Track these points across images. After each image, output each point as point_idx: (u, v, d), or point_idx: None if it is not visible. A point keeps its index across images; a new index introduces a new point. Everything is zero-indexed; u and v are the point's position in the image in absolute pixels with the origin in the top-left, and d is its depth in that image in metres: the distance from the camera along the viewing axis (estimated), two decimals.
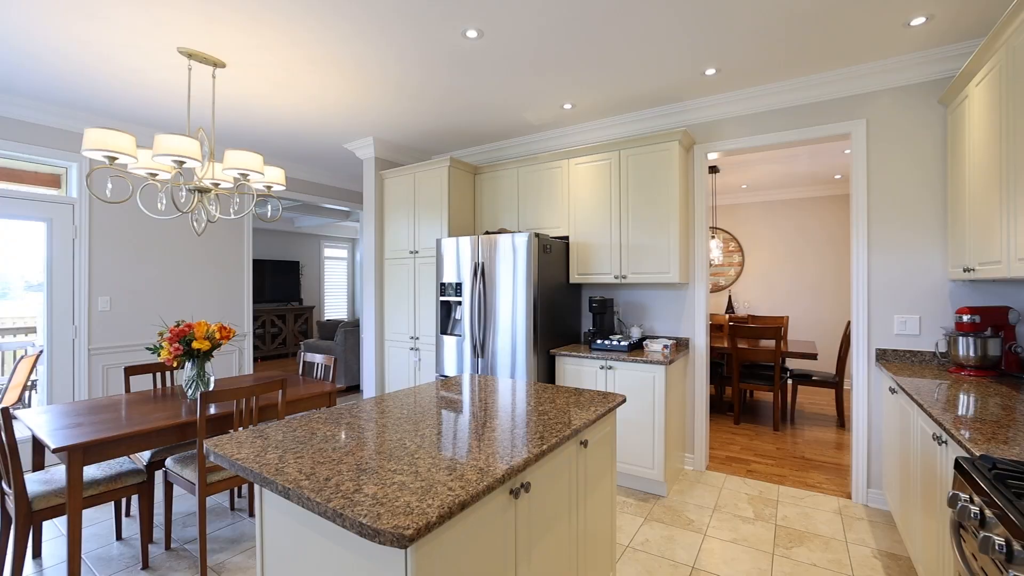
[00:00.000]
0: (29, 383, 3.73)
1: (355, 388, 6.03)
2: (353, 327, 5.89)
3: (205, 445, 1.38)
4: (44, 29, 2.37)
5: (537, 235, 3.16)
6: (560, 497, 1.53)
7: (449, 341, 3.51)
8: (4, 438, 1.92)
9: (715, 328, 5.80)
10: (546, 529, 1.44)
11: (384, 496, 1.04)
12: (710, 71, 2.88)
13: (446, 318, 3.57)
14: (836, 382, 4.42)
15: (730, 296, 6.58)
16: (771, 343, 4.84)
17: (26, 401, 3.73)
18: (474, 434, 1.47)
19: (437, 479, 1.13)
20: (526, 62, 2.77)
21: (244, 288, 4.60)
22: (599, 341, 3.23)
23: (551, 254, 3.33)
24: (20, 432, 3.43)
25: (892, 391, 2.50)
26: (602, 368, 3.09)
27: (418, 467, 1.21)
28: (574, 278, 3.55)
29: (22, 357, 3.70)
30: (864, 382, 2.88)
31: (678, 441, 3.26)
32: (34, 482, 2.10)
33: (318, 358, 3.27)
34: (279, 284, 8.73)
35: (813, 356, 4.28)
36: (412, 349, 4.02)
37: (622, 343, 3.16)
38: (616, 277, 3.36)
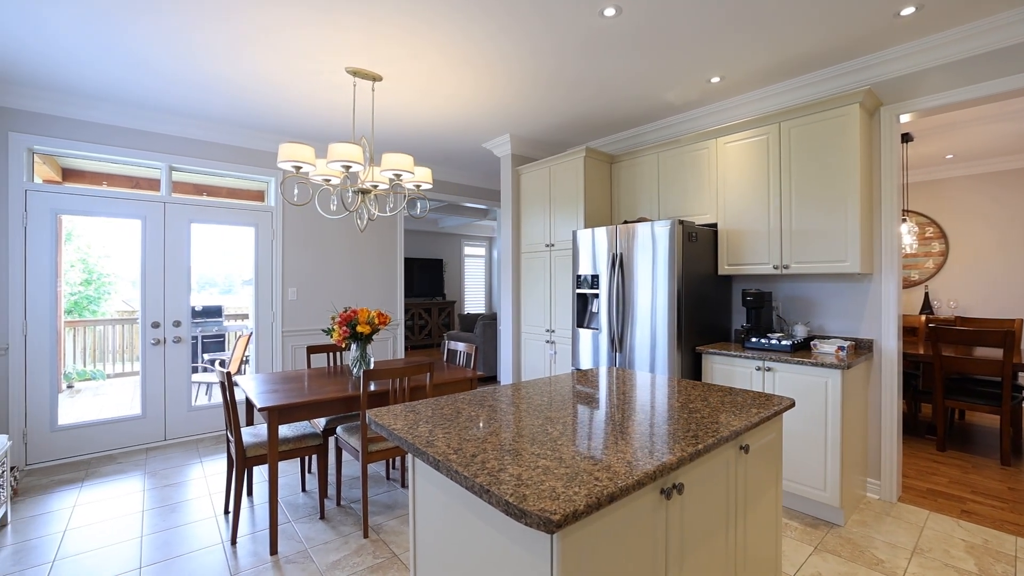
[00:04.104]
0: (244, 357, 4.67)
1: (492, 378, 6.31)
2: (491, 320, 6.17)
3: (367, 415, 1.52)
4: (241, 66, 2.90)
5: (681, 222, 2.91)
6: (716, 506, 1.35)
7: (585, 334, 3.44)
8: (228, 397, 2.39)
9: (907, 331, 4.77)
10: (701, 539, 1.29)
11: (528, 478, 1.02)
12: (907, 10, 2.34)
13: (582, 311, 3.51)
14: None
15: (927, 293, 5.35)
16: (996, 352, 3.80)
17: (242, 371, 4.67)
18: (619, 427, 1.38)
19: (582, 467, 1.08)
20: (668, 34, 2.56)
21: (397, 282, 5.12)
22: (755, 339, 2.86)
23: (696, 243, 3.05)
24: (238, 395, 4.28)
25: None
26: (758, 369, 2.72)
27: (561, 454, 1.17)
28: (723, 269, 3.20)
29: (240, 337, 4.65)
30: None
31: (858, 462, 2.73)
32: (246, 434, 2.57)
33: (460, 346, 3.47)
34: (425, 280, 9.61)
35: None
36: (548, 342, 4.04)
37: (784, 342, 2.75)
38: (775, 267, 2.94)
